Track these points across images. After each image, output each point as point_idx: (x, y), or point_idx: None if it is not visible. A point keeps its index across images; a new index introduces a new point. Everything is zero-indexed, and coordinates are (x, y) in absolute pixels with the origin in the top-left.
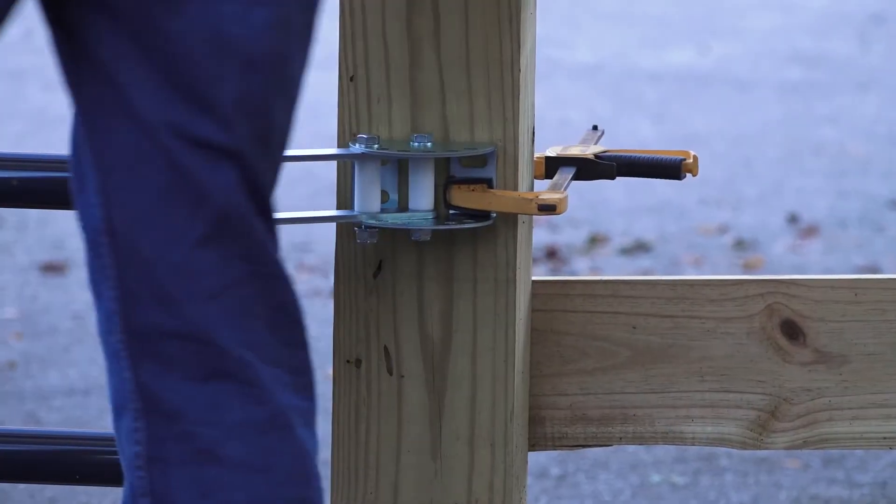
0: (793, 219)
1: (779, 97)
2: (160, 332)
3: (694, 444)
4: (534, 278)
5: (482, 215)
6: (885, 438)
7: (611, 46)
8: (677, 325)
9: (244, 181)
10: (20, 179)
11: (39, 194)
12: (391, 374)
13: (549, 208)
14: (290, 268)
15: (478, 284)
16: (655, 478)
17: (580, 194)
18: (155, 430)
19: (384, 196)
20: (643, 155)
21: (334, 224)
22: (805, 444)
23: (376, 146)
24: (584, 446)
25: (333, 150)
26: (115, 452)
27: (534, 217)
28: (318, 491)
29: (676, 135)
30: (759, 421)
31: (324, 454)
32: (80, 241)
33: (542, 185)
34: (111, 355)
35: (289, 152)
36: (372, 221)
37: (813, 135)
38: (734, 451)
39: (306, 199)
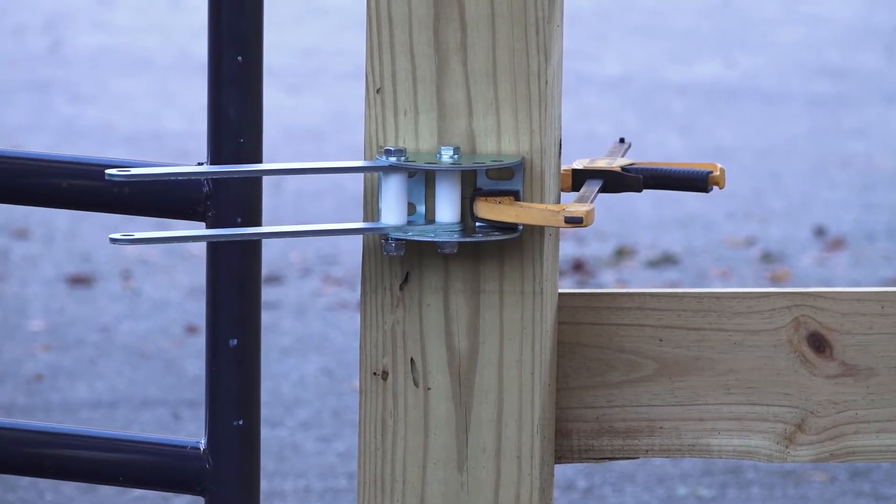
0: (820, 232)
1: (806, 110)
2: None
3: (720, 457)
4: (560, 291)
5: (509, 228)
6: None
7: (638, 60)
8: (704, 338)
9: None
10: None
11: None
12: (418, 386)
13: (575, 221)
14: (317, 280)
15: (504, 297)
16: (682, 490)
17: (607, 207)
18: None
19: (411, 208)
20: (670, 168)
21: (361, 236)
22: (831, 457)
23: (403, 158)
24: (610, 459)
25: (360, 163)
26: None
27: (560, 229)
28: None
29: (704, 148)
30: (786, 434)
31: (350, 466)
32: (106, 253)
33: (568, 198)
34: None
35: (316, 164)
36: (398, 234)
37: (840, 148)
38: (761, 463)
39: (333, 212)
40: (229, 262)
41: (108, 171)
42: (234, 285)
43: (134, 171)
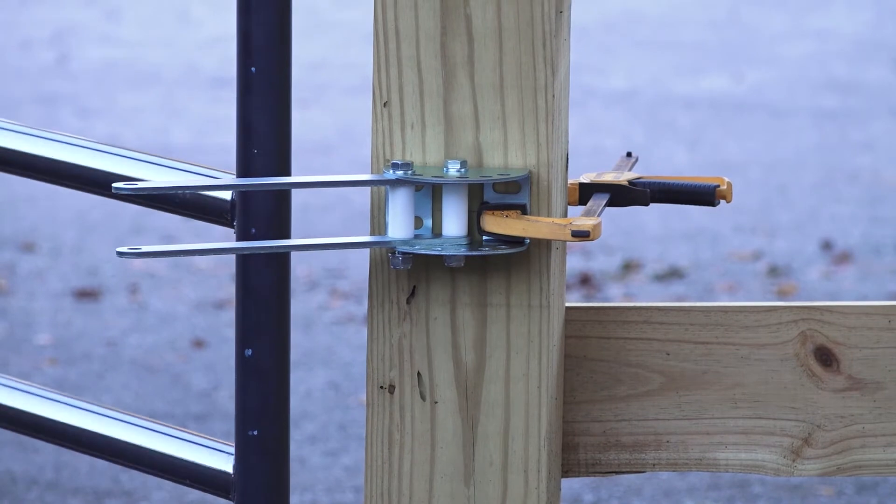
0: (827, 245)
1: (813, 124)
2: None
3: (727, 471)
4: (567, 304)
5: (516, 241)
6: None
7: (645, 73)
8: (711, 352)
9: None
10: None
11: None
12: (424, 399)
13: (582, 234)
14: (324, 293)
15: (511, 310)
16: None
17: (614, 221)
18: None
19: (418, 222)
20: (677, 181)
21: (368, 250)
22: (838, 471)
23: (410, 172)
24: (617, 473)
25: (367, 176)
26: None
27: (567, 243)
28: None
29: (711, 161)
30: (793, 447)
31: (357, 480)
32: (113, 267)
33: (575, 212)
34: None
35: (323, 178)
36: (405, 247)
37: (847, 162)
38: (768, 477)
39: (340, 225)
40: (245, 273)
41: (115, 185)
42: (249, 296)
43: (140, 184)
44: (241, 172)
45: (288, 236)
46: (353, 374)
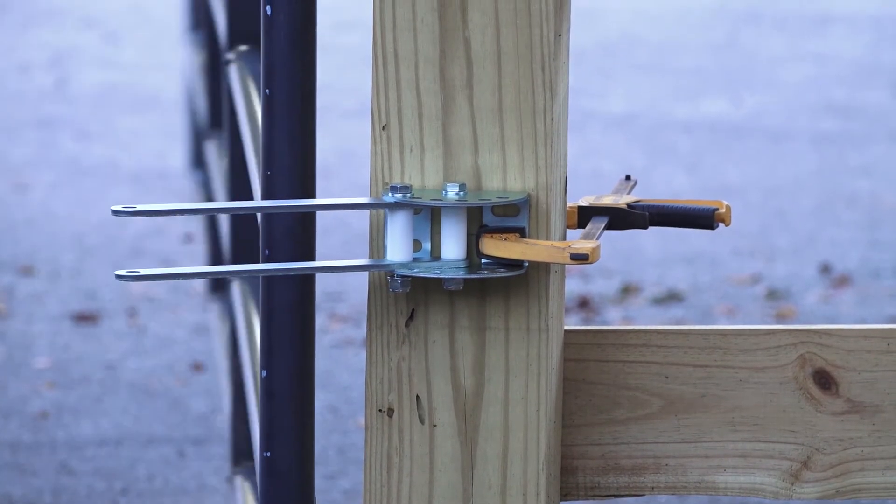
0: (825, 269)
1: (812, 148)
2: None
3: (726, 494)
4: (566, 328)
5: (514, 264)
6: None
7: (644, 97)
8: (710, 375)
9: None
10: None
11: None
12: (423, 423)
13: (581, 258)
14: (323, 316)
15: (510, 334)
16: None
17: (613, 244)
18: None
19: (416, 245)
20: (676, 204)
21: (367, 273)
22: (837, 494)
23: (409, 195)
24: (616, 496)
25: (366, 199)
26: None
27: (566, 266)
28: None
29: (710, 185)
30: (792, 471)
31: (356, 503)
32: (112, 290)
33: (574, 235)
34: None
35: (322, 201)
36: (404, 270)
37: (847, 186)
38: (766, 501)
39: (339, 248)
40: (264, 294)
41: (113, 208)
42: (266, 317)
43: (139, 207)
44: (263, 195)
45: (308, 258)
46: (351, 398)
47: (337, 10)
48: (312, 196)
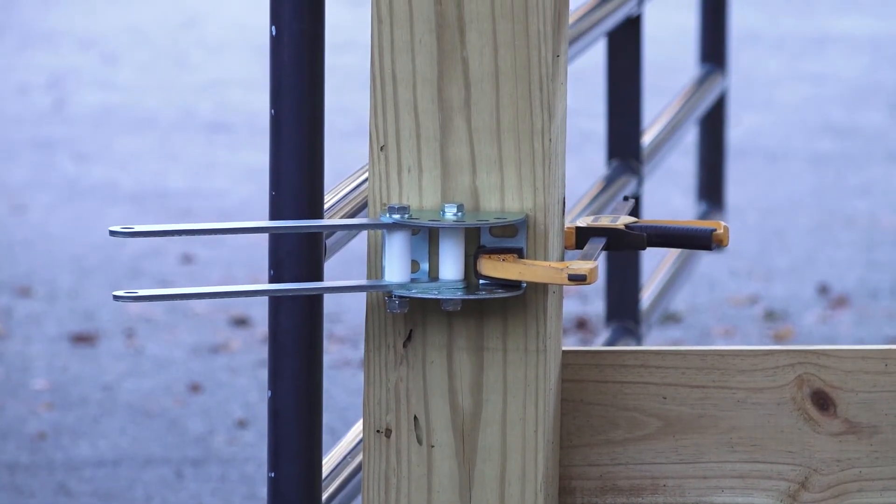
0: (823, 290)
1: (810, 168)
2: None
3: None
4: (564, 348)
5: (512, 285)
6: None
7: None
8: (707, 396)
9: None
10: None
11: None
12: (421, 443)
13: (579, 278)
14: None
15: (508, 354)
16: None
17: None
18: None
19: (414, 265)
20: (673, 225)
21: (364, 294)
22: None
23: (407, 216)
24: None
25: (364, 220)
26: None
27: (564, 287)
28: None
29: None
30: (790, 491)
31: None
32: (109, 311)
33: (572, 256)
34: None
35: (320, 222)
36: (402, 291)
37: (844, 206)
38: None
39: (337, 269)
40: (271, 316)
41: (111, 229)
42: (272, 339)
43: (137, 227)
44: (270, 215)
45: (315, 279)
46: (349, 419)
47: (330, 32)
48: (320, 217)
